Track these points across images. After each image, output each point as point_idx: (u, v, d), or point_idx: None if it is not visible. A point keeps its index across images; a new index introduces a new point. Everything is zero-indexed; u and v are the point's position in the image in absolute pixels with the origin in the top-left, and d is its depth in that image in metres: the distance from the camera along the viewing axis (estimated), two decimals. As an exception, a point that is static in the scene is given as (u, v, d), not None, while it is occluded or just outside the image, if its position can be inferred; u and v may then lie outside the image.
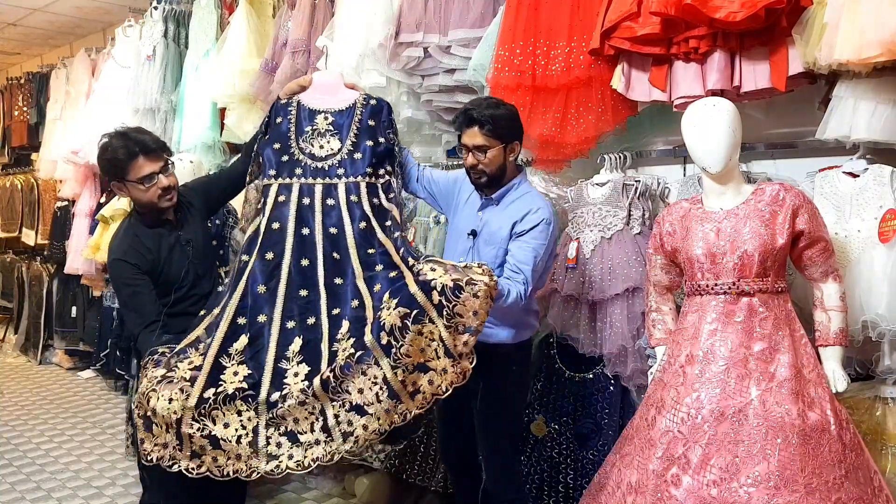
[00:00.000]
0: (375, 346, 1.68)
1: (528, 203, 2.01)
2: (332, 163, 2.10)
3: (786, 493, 1.61)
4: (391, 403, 1.67)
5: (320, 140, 2.13)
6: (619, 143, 2.52)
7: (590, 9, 2.30)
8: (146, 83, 4.09)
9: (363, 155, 2.10)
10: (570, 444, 2.50)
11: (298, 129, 2.14)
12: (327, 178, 2.08)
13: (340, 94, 2.21)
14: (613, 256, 2.32)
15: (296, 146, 2.12)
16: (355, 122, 2.13)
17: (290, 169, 2.09)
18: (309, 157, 2.10)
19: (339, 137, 2.12)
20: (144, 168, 1.93)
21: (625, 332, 2.29)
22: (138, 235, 2.01)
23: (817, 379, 1.74)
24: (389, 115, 2.20)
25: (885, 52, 1.72)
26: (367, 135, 2.12)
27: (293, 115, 2.17)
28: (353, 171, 2.08)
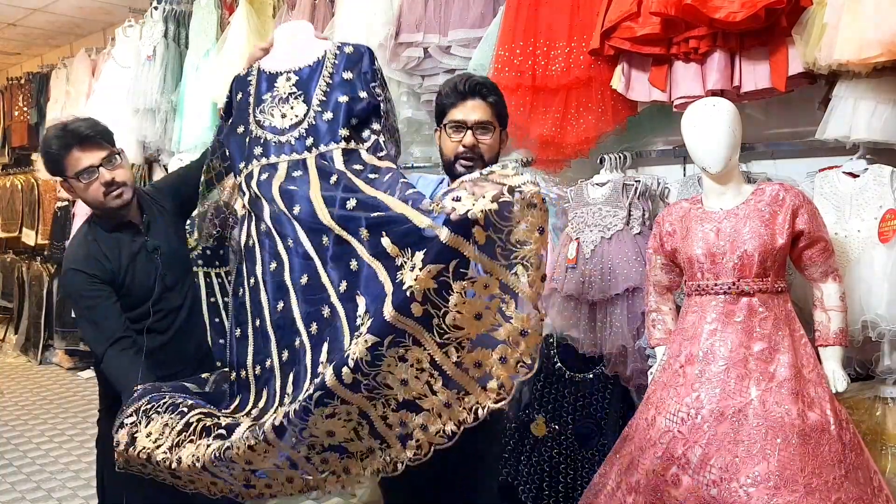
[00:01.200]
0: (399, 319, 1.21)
1: None
2: (299, 133, 1.63)
3: (785, 493, 1.61)
4: (452, 395, 1.27)
5: (282, 107, 1.67)
6: (619, 144, 2.52)
7: (590, 9, 2.30)
8: (146, 83, 4.09)
9: (335, 114, 1.62)
10: (570, 444, 2.50)
11: (256, 100, 1.71)
12: (294, 153, 1.61)
13: (308, 47, 1.75)
14: (613, 256, 2.32)
15: (254, 122, 1.69)
16: (324, 78, 1.67)
17: (251, 152, 1.67)
18: (270, 131, 1.65)
19: (305, 98, 1.66)
20: (81, 161, 1.68)
21: (625, 332, 2.29)
22: (97, 241, 1.77)
23: (817, 379, 1.74)
24: (372, 65, 1.71)
25: (885, 52, 1.72)
26: (341, 90, 1.65)
27: (252, 85, 1.74)
28: (326, 137, 1.61)
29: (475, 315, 1.23)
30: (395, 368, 1.25)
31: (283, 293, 1.54)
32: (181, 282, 1.86)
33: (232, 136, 1.75)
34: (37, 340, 5.69)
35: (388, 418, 1.29)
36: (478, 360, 1.26)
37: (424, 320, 1.23)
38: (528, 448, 2.56)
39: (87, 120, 1.76)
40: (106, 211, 1.77)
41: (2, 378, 5.18)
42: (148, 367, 1.69)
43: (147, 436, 1.46)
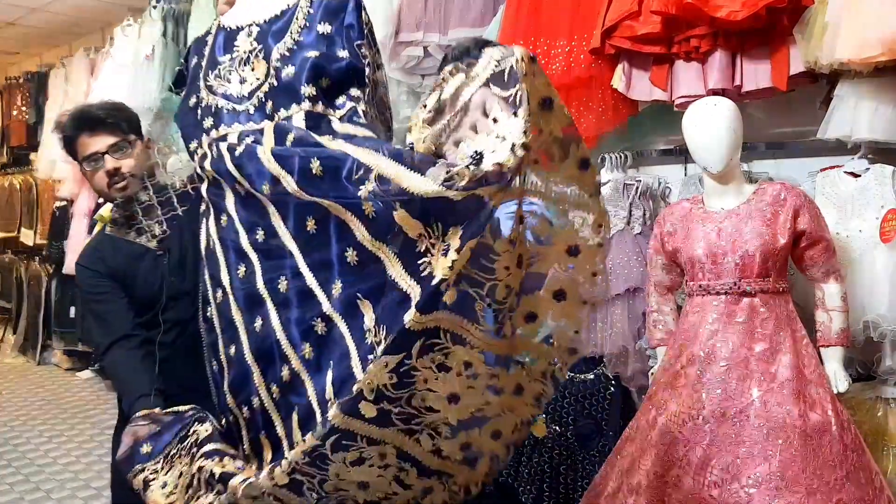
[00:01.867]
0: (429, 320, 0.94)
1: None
2: (258, 99, 1.28)
3: (787, 494, 1.60)
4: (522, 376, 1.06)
5: (241, 70, 1.31)
6: (620, 143, 2.52)
7: (590, 8, 2.30)
8: (145, 83, 4.08)
9: (298, 69, 1.25)
10: (571, 445, 2.49)
11: (210, 62, 1.37)
12: (251, 122, 1.27)
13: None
14: (614, 256, 2.32)
15: (204, 87, 1.35)
16: (293, 30, 1.30)
17: (199, 127, 1.34)
18: (223, 98, 1.32)
19: (265, 54, 1.30)
20: (88, 146, 1.56)
21: (626, 333, 2.29)
22: (105, 237, 1.67)
23: (818, 379, 1.73)
24: (359, 16, 1.32)
25: (886, 51, 1.71)
26: (312, 46, 1.28)
27: (209, 46, 1.40)
28: (286, 98, 1.25)
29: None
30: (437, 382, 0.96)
31: (258, 306, 1.21)
32: (191, 293, 1.57)
33: (184, 111, 1.42)
34: (35, 341, 5.67)
35: (443, 450, 1.02)
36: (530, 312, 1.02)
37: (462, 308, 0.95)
38: (529, 449, 2.55)
39: (110, 103, 1.65)
40: (109, 199, 1.65)
41: (0, 378, 5.17)
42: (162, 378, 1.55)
43: (162, 487, 1.25)
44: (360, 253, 1.07)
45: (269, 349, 1.19)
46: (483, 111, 0.96)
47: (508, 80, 0.92)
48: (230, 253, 1.28)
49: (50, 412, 4.33)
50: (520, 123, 0.89)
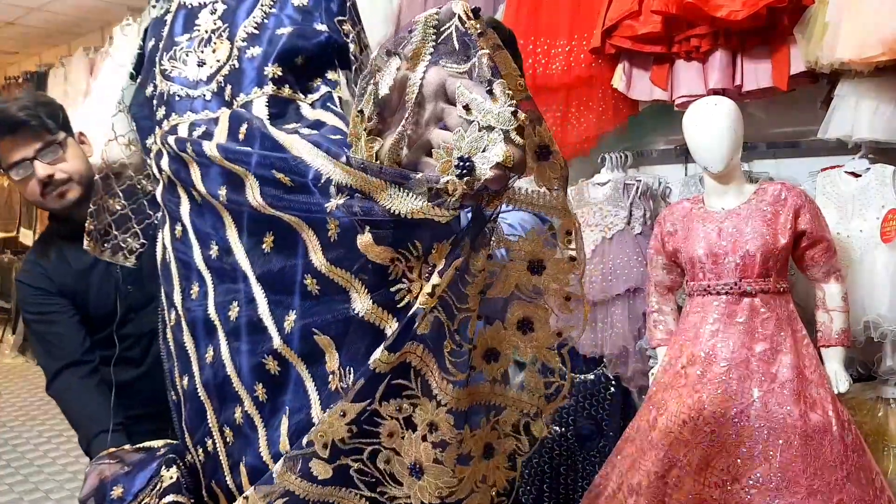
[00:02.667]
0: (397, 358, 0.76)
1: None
2: (217, 84, 1.05)
3: (787, 494, 1.60)
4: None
5: (201, 52, 1.10)
6: (620, 143, 2.51)
7: (590, 7, 2.29)
8: (144, 82, 4.08)
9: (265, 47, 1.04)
10: (571, 446, 2.49)
11: (168, 44, 1.16)
12: (206, 111, 1.04)
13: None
14: (614, 256, 2.31)
15: (158, 72, 1.14)
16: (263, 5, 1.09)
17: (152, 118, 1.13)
18: (178, 83, 1.10)
19: (229, 34, 1.08)
20: (12, 153, 1.35)
21: (626, 333, 2.28)
22: (51, 248, 1.47)
23: (819, 380, 1.73)
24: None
25: (886, 51, 1.71)
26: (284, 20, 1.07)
27: (167, 26, 1.19)
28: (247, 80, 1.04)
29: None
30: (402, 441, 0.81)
31: (209, 334, 1.00)
32: (153, 302, 1.36)
33: (139, 102, 1.22)
34: (35, 340, 5.68)
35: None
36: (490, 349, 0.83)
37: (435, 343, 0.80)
38: (529, 449, 2.55)
39: (30, 98, 1.42)
40: (55, 211, 1.45)
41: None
42: (127, 401, 1.39)
43: None
44: (319, 281, 0.85)
45: (221, 384, 0.99)
46: (445, 98, 0.73)
47: (460, 48, 0.70)
48: (183, 269, 1.05)
49: (49, 412, 4.32)
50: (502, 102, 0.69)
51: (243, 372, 0.94)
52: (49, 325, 1.43)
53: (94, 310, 1.45)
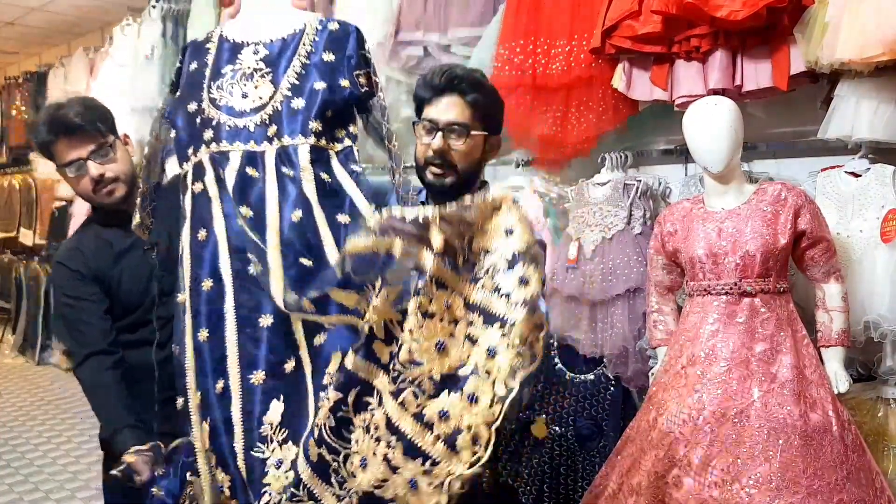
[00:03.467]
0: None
1: None
2: (261, 119, 1.33)
3: (787, 494, 1.60)
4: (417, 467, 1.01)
5: (244, 85, 1.36)
6: (620, 143, 2.51)
7: (591, 7, 2.29)
8: (144, 82, 4.08)
9: (308, 101, 1.33)
10: (571, 446, 2.49)
11: (213, 73, 1.40)
12: (252, 142, 1.31)
13: (283, 15, 1.44)
14: (614, 257, 2.31)
15: (206, 98, 1.38)
16: (300, 56, 1.37)
17: (199, 137, 1.37)
18: (225, 112, 1.35)
19: (273, 78, 1.36)
20: (67, 153, 1.50)
21: (626, 333, 2.28)
22: (87, 235, 1.61)
23: (819, 380, 1.73)
24: (360, 48, 1.41)
25: (887, 51, 1.71)
26: (318, 74, 1.36)
27: (211, 54, 1.42)
28: (291, 127, 1.32)
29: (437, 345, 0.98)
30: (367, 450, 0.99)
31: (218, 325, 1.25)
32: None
33: (180, 112, 1.43)
34: (35, 341, 5.67)
35: None
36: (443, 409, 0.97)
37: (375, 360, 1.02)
38: (529, 449, 2.55)
39: (80, 103, 1.55)
40: (101, 205, 1.59)
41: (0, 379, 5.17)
42: (143, 390, 1.50)
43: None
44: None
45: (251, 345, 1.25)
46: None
47: None
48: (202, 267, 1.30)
49: (49, 412, 4.33)
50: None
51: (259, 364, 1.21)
52: (79, 312, 1.53)
53: (125, 294, 1.57)
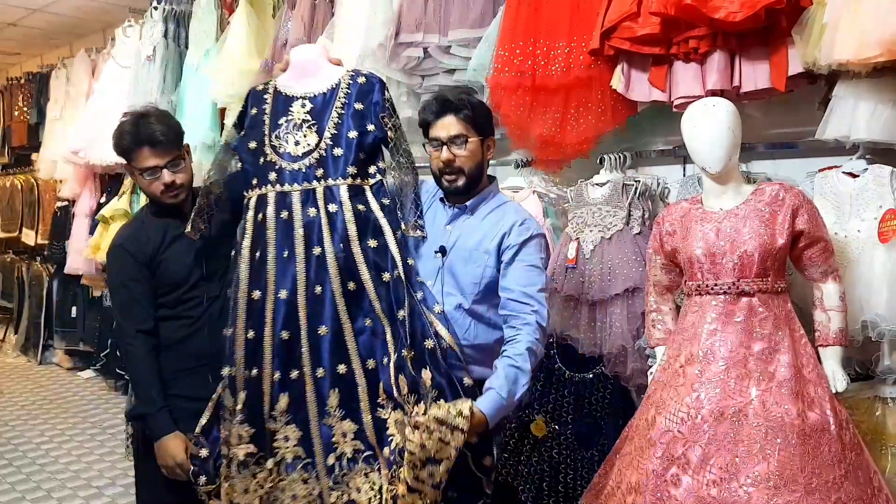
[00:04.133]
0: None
1: (513, 214, 1.76)
2: (310, 162, 1.72)
3: (785, 492, 1.61)
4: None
5: (296, 134, 1.75)
6: (619, 144, 2.52)
7: (590, 9, 2.30)
8: (146, 83, 4.09)
9: (345, 150, 1.72)
10: (570, 445, 2.50)
11: (272, 124, 1.78)
12: (305, 182, 1.71)
13: (323, 72, 1.82)
14: (613, 256, 2.32)
15: (269, 145, 1.76)
16: (336, 108, 1.75)
17: (264, 175, 1.75)
18: (284, 158, 1.74)
19: (318, 129, 1.74)
20: (149, 160, 1.78)
21: (625, 333, 2.29)
22: (144, 223, 1.89)
23: (817, 379, 1.74)
24: (383, 94, 1.79)
25: (884, 52, 1.71)
26: (352, 123, 1.74)
27: (268, 104, 1.81)
28: (334, 171, 1.71)
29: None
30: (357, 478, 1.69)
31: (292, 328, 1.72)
32: (219, 274, 1.89)
33: (245, 147, 1.81)
34: (37, 340, 5.68)
35: None
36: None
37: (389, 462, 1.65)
38: (528, 448, 2.56)
39: (162, 120, 1.82)
40: (162, 203, 1.86)
41: (2, 378, 5.18)
42: (177, 355, 1.84)
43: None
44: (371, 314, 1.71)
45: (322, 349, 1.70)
46: None
47: None
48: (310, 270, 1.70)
49: (51, 412, 4.34)
50: None
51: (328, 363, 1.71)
52: (130, 292, 1.82)
53: (173, 274, 1.85)
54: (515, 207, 1.82)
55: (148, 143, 1.77)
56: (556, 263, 2.46)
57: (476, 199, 1.80)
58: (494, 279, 1.72)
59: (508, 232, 1.72)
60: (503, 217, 1.76)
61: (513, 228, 1.72)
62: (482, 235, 1.75)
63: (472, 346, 1.73)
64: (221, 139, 3.65)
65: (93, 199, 4.84)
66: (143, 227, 1.88)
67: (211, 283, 1.88)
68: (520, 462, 2.56)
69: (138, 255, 1.82)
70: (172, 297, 1.86)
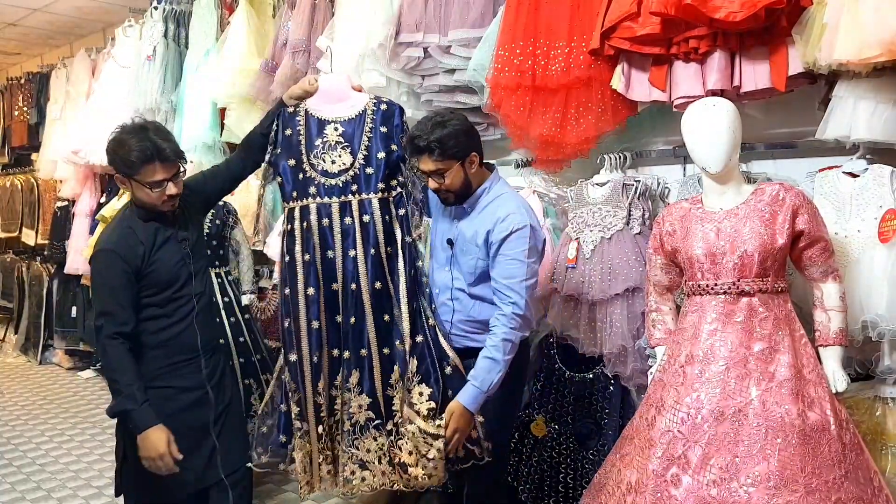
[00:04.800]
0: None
1: (498, 209, 1.93)
2: (346, 178, 2.02)
3: (786, 493, 1.61)
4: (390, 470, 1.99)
5: (332, 154, 2.04)
6: (619, 143, 2.52)
7: (590, 9, 2.30)
8: (146, 83, 4.09)
9: (375, 169, 2.02)
10: (570, 445, 2.50)
11: (308, 144, 2.06)
12: (342, 195, 2.02)
13: (349, 99, 2.11)
14: (613, 256, 2.32)
15: (307, 163, 2.04)
16: (366, 132, 2.04)
17: (305, 189, 2.04)
18: (322, 175, 2.03)
19: (351, 150, 2.04)
20: (157, 174, 1.86)
21: (625, 332, 2.29)
22: (132, 227, 1.93)
23: (817, 379, 1.74)
24: (402, 118, 2.09)
25: (884, 52, 1.71)
26: (379, 145, 2.03)
27: (301, 126, 2.07)
28: (367, 187, 2.01)
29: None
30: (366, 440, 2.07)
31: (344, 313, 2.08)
32: (202, 271, 2.05)
33: (282, 163, 2.07)
34: (37, 340, 5.69)
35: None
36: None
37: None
38: (529, 448, 2.56)
39: (163, 135, 1.90)
40: (158, 211, 1.94)
41: (2, 378, 5.18)
42: (168, 351, 1.94)
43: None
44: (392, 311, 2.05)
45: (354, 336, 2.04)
46: None
47: None
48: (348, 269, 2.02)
49: (51, 412, 4.34)
50: None
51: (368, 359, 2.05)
52: (115, 297, 1.86)
53: (162, 274, 1.92)
54: (504, 200, 1.96)
55: (158, 159, 1.85)
56: (557, 263, 2.46)
57: (472, 198, 1.99)
58: (486, 269, 1.95)
59: (492, 228, 1.90)
60: (491, 213, 1.94)
61: (496, 225, 1.90)
62: (475, 231, 1.96)
63: (475, 321, 2.01)
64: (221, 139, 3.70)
65: (93, 199, 4.84)
66: (133, 231, 1.91)
67: (196, 281, 1.99)
68: (520, 462, 2.56)
69: (130, 262, 1.87)
70: (163, 297, 1.93)
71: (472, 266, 1.96)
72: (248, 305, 3.15)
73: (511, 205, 1.93)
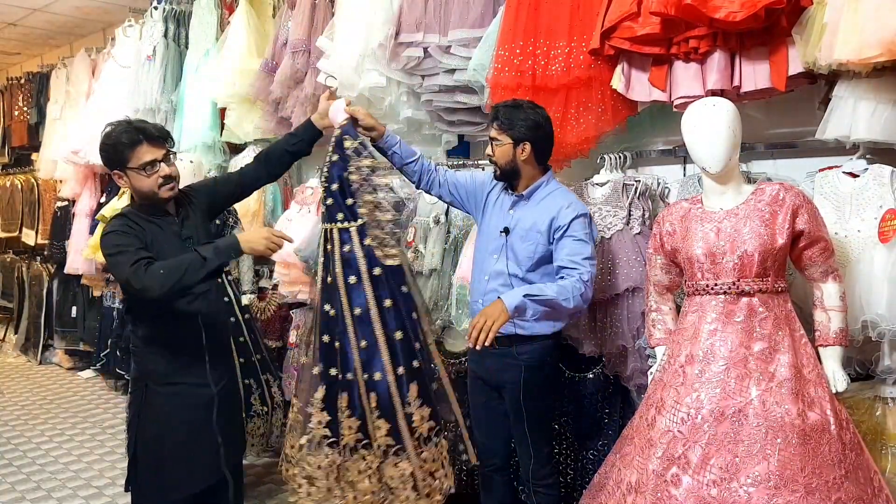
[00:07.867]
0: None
1: (560, 199, 2.08)
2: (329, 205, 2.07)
3: (786, 492, 1.61)
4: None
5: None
6: (619, 143, 2.52)
7: (590, 9, 2.30)
8: (146, 83, 4.09)
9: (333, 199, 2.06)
10: (570, 444, 2.50)
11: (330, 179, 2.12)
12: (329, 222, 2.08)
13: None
14: (613, 256, 2.32)
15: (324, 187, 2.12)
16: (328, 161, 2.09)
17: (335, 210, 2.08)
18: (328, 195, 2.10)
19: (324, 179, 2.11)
20: (146, 155, 1.90)
21: (625, 332, 2.29)
22: (135, 222, 1.95)
23: (817, 379, 1.74)
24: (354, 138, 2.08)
25: (885, 52, 1.71)
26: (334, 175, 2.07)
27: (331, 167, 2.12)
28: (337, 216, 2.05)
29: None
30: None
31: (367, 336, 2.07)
32: None
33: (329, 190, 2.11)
34: (37, 340, 5.69)
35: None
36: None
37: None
38: (528, 448, 2.56)
39: (147, 122, 2.00)
40: (154, 200, 1.95)
41: (2, 378, 5.18)
42: (172, 350, 1.97)
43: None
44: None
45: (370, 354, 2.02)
46: None
47: None
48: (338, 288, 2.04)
49: (51, 412, 4.34)
50: None
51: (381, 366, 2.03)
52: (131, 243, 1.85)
53: None
54: (563, 192, 2.14)
55: (145, 139, 1.90)
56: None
57: (530, 189, 2.13)
58: (545, 254, 2.08)
59: (557, 215, 2.04)
60: (553, 202, 2.09)
61: (560, 211, 2.04)
62: (535, 219, 2.08)
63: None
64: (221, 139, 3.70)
65: (93, 198, 4.84)
66: (136, 223, 1.94)
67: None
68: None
69: (139, 237, 1.90)
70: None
71: (532, 251, 2.07)
72: (248, 305, 3.15)
73: (571, 196, 2.13)
